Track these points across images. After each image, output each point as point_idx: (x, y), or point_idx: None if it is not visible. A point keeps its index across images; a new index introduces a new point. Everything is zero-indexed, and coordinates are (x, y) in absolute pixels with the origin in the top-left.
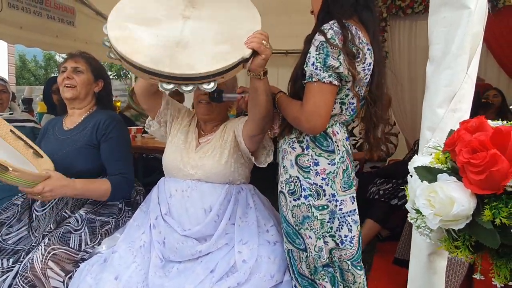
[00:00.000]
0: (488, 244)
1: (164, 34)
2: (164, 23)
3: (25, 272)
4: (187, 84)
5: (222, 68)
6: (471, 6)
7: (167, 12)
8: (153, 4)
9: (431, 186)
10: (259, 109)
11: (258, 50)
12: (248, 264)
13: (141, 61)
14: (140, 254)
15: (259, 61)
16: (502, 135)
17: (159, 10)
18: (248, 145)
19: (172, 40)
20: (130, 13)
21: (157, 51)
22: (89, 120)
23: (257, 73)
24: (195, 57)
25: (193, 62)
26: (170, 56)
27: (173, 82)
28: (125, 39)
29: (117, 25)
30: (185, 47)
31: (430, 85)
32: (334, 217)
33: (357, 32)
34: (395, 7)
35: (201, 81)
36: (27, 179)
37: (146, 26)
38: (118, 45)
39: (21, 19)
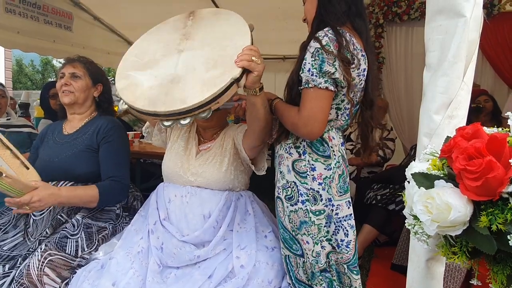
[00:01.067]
0: (485, 250)
1: (161, 73)
2: (162, 62)
3: (21, 279)
4: (185, 118)
5: (213, 94)
6: (467, 15)
7: (164, 50)
8: (153, 46)
9: (428, 192)
10: (258, 123)
11: (248, 68)
12: (246, 270)
13: (141, 106)
14: (138, 260)
15: (252, 78)
16: (497, 142)
17: (157, 51)
18: (248, 154)
19: (167, 78)
20: (133, 60)
21: (154, 91)
22: (90, 125)
23: (252, 89)
24: (187, 90)
25: (185, 96)
26: (166, 93)
27: (171, 119)
28: (128, 87)
29: (123, 76)
30: (179, 82)
31: (427, 92)
32: (331, 221)
33: (351, 39)
34: (391, 14)
35: (197, 112)
36: (17, 187)
37: (146, 69)
38: (123, 95)
39: (18, 24)
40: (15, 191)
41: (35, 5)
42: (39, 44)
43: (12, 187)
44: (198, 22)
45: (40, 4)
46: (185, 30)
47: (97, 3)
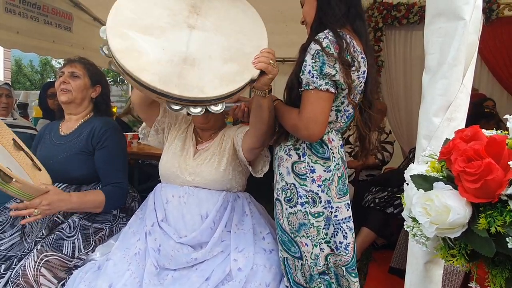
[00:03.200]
0: (483, 252)
1: (170, 47)
2: (169, 33)
3: (17, 279)
4: (195, 106)
5: (232, 91)
6: (466, 18)
7: (170, 19)
8: (155, 9)
9: (427, 194)
10: (261, 126)
11: (265, 70)
12: (243, 273)
13: (149, 81)
14: (135, 261)
15: (265, 80)
16: (496, 144)
17: (162, 16)
18: (246, 156)
19: (179, 55)
20: (130, 17)
21: (164, 68)
22: (85, 126)
23: (262, 91)
24: (204, 78)
25: (202, 84)
26: (179, 74)
27: (181, 104)
28: (129, 52)
29: (118, 33)
30: (193, 65)
31: (426, 94)
32: (329, 223)
33: (352, 41)
34: (390, 17)
35: (209, 103)
36: (27, 191)
37: (150, 35)
38: (122, 59)
39: (18, 24)
40: (26, 195)
41: (35, 5)
42: (39, 44)
43: (22, 191)
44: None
45: (40, 5)
46: (193, 1)
47: (97, 4)
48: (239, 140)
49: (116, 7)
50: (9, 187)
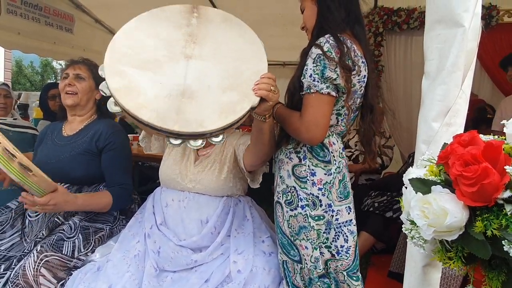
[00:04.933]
0: (479, 255)
1: (168, 81)
2: (166, 66)
3: (17, 279)
4: (196, 139)
5: (231, 122)
6: (465, 24)
7: (167, 51)
8: (151, 41)
9: (425, 198)
10: (262, 147)
11: (266, 98)
12: (243, 275)
13: (147, 118)
14: (134, 263)
15: (266, 107)
16: (493, 149)
17: (158, 49)
18: (247, 168)
19: (177, 89)
20: (127, 53)
21: (162, 104)
22: (90, 128)
23: (262, 116)
24: (204, 111)
25: (201, 118)
26: (177, 109)
27: (181, 138)
28: (127, 90)
29: (115, 71)
30: (191, 97)
31: (425, 99)
32: (330, 227)
33: (352, 46)
34: (391, 23)
35: (210, 135)
36: (42, 186)
37: (147, 70)
38: (121, 98)
39: (19, 25)
40: (39, 190)
41: (36, 6)
42: (40, 46)
43: (37, 186)
44: (206, 25)
45: (41, 6)
46: (189, 29)
47: (99, 5)
48: (240, 152)
49: (112, 44)
50: (26, 181)
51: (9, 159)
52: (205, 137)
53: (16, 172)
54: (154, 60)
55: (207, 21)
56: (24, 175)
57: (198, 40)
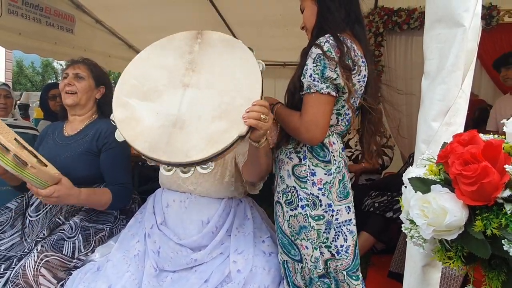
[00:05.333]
0: (479, 254)
1: (163, 111)
2: (164, 95)
3: (17, 279)
4: (185, 172)
5: (217, 152)
6: (466, 24)
7: (168, 80)
8: (155, 70)
9: (425, 197)
10: (257, 167)
11: (255, 127)
12: (242, 275)
13: (140, 149)
14: (134, 263)
15: (257, 136)
16: (493, 148)
17: (161, 78)
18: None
19: (170, 119)
20: (133, 85)
21: (155, 134)
22: (91, 127)
23: (256, 142)
24: (190, 141)
25: (187, 148)
26: (167, 140)
27: (171, 168)
28: (128, 121)
29: (121, 102)
30: (182, 128)
31: (425, 99)
32: (330, 227)
33: (352, 46)
34: (391, 23)
35: (198, 165)
36: (42, 178)
37: (148, 100)
38: (122, 129)
39: (20, 25)
40: (40, 182)
41: (37, 7)
42: (41, 46)
43: (37, 178)
44: (207, 51)
45: (42, 6)
46: (191, 56)
47: (99, 6)
48: (239, 162)
49: (122, 76)
50: (25, 173)
51: (3, 151)
52: (193, 166)
53: (11, 164)
54: (155, 90)
55: (209, 46)
56: (20, 167)
57: (197, 68)
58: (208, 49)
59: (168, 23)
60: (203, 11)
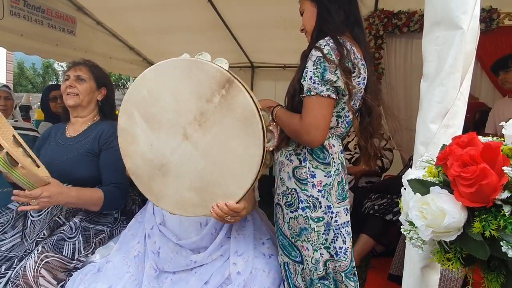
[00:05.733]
0: (478, 255)
1: (158, 146)
2: (164, 132)
3: (17, 280)
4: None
5: (180, 214)
6: (464, 27)
7: (173, 117)
8: (167, 97)
9: (424, 198)
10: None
11: (218, 220)
12: (242, 277)
13: (127, 167)
14: (134, 264)
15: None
16: (491, 150)
17: (168, 109)
18: None
19: (159, 159)
20: (144, 98)
21: (142, 164)
22: (93, 129)
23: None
24: (165, 191)
25: (161, 195)
26: (149, 176)
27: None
28: (127, 133)
29: (128, 110)
30: (165, 175)
31: (424, 101)
32: (330, 228)
33: (352, 48)
34: (391, 25)
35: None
36: (31, 179)
37: (148, 125)
38: (120, 136)
39: (22, 27)
40: (28, 183)
41: (39, 8)
42: (42, 47)
43: (25, 179)
44: (223, 113)
45: (44, 8)
46: (207, 106)
47: (101, 8)
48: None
49: (140, 79)
50: (14, 172)
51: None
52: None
53: (1, 161)
54: (158, 119)
55: (228, 109)
56: (9, 166)
57: (204, 125)
58: (225, 111)
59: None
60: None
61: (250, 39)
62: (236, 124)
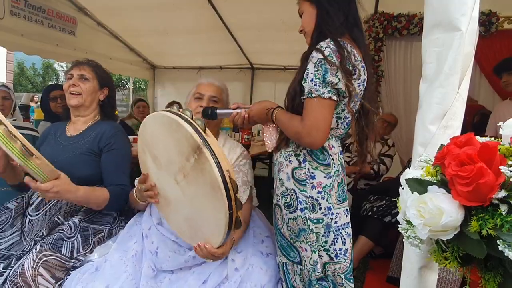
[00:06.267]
0: (475, 254)
1: (161, 181)
2: (163, 172)
3: (15, 278)
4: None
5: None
6: (463, 29)
7: (166, 163)
8: (162, 145)
9: (421, 197)
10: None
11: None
12: (239, 273)
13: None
14: (132, 263)
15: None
16: (489, 150)
17: (163, 155)
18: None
19: (163, 193)
20: (148, 141)
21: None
22: (93, 128)
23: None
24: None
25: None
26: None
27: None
28: (143, 164)
29: (141, 147)
30: (168, 205)
31: (423, 102)
32: (330, 230)
33: (352, 50)
34: (391, 28)
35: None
36: (44, 170)
37: (154, 163)
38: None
39: (22, 26)
40: (42, 175)
41: (40, 9)
42: (42, 47)
43: (39, 169)
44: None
45: (45, 8)
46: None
47: (101, 9)
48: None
49: (148, 119)
50: (29, 163)
51: (12, 140)
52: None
53: (18, 153)
54: (159, 160)
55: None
56: (26, 157)
57: (187, 178)
58: (199, 173)
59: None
60: (204, 15)
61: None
62: (207, 187)
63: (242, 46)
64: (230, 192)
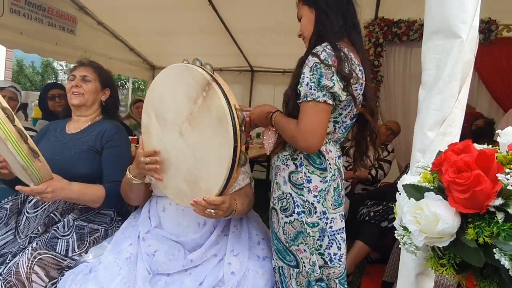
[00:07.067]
0: (472, 262)
1: (163, 141)
2: (167, 129)
3: (9, 276)
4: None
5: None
6: (463, 36)
7: (173, 116)
8: (169, 99)
9: (418, 204)
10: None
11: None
12: (236, 277)
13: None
14: (126, 266)
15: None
16: (486, 157)
17: (170, 110)
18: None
19: (163, 153)
20: (156, 100)
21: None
22: (95, 127)
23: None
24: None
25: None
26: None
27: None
28: (146, 129)
29: (147, 110)
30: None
31: (422, 109)
32: (324, 235)
33: (349, 54)
34: (391, 34)
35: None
36: (42, 172)
37: (159, 123)
38: (144, 133)
39: (22, 24)
40: (39, 177)
41: (40, 7)
42: (41, 46)
43: (38, 172)
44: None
45: (45, 7)
46: (194, 107)
47: (102, 8)
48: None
49: (154, 82)
50: (32, 165)
51: (21, 140)
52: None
53: (24, 154)
54: (164, 118)
55: (208, 109)
56: (31, 159)
57: (193, 124)
58: (206, 112)
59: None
60: (205, 17)
61: (250, 43)
62: (213, 123)
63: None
64: (236, 124)
